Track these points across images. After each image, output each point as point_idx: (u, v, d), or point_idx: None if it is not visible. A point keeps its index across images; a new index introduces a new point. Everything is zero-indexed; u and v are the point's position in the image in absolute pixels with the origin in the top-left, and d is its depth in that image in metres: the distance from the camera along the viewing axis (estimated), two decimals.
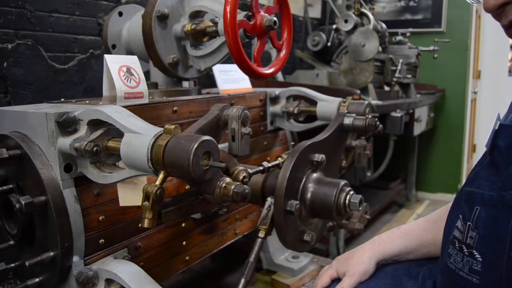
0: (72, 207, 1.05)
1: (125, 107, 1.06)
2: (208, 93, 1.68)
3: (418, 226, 1.02)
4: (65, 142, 1.01)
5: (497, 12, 0.76)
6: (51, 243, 1.04)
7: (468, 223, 0.79)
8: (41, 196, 1.01)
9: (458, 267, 0.80)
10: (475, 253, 0.77)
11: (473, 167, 0.90)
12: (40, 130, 1.04)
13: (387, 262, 1.03)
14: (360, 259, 0.99)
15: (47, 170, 1.03)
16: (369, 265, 0.98)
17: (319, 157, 1.22)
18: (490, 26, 3.95)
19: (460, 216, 0.83)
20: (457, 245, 0.82)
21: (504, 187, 0.74)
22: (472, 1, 0.85)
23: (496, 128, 0.80)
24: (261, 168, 1.21)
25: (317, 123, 1.75)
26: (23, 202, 0.99)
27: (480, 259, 0.76)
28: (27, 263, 1.00)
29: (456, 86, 3.77)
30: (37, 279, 1.08)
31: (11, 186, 1.08)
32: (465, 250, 0.79)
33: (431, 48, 3.21)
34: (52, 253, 1.04)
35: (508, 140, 0.77)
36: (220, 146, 0.96)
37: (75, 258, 1.07)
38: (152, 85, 1.49)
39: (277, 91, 1.79)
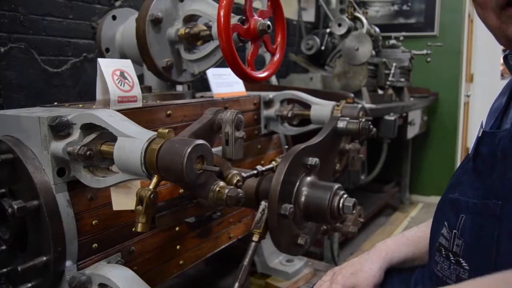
0: (65, 211, 1.05)
1: (118, 111, 1.06)
2: (202, 96, 1.68)
3: (424, 232, 0.98)
4: (58, 146, 1.01)
5: None
6: (43, 248, 1.03)
7: (454, 231, 0.79)
8: (33, 201, 1.01)
9: (445, 275, 0.80)
10: (462, 262, 0.76)
11: (454, 172, 0.90)
12: (33, 134, 1.04)
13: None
14: (371, 271, 0.95)
15: (40, 175, 1.02)
16: (380, 278, 0.95)
17: (313, 160, 1.22)
18: (483, 30, 3.98)
19: (446, 223, 0.83)
20: (443, 252, 0.82)
21: (488, 195, 0.73)
22: None
23: (480, 135, 0.79)
24: (255, 171, 1.21)
25: (311, 126, 1.76)
26: (16, 207, 0.98)
27: (467, 268, 0.75)
28: (19, 268, 0.99)
29: (449, 89, 3.80)
30: (29, 284, 1.07)
31: (3, 190, 1.07)
32: (452, 258, 0.79)
33: (424, 51, 3.23)
34: (44, 258, 1.03)
35: (491, 148, 0.76)
36: (214, 150, 0.95)
37: (68, 263, 1.06)
38: (146, 89, 1.48)
39: (271, 94, 1.80)
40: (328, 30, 3.04)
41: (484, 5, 0.73)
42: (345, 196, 1.20)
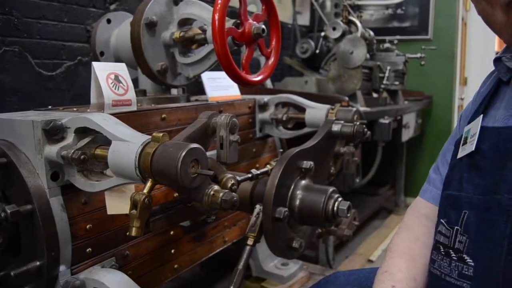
0: (59, 215, 1.04)
1: (113, 114, 1.05)
2: (196, 100, 1.68)
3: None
4: (52, 150, 1.00)
5: None
6: (37, 253, 1.03)
7: (456, 227, 0.79)
8: (27, 205, 1.00)
9: (445, 272, 0.80)
10: (466, 258, 0.76)
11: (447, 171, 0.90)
12: (27, 138, 1.03)
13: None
14: None
15: (34, 179, 1.02)
16: None
17: (307, 164, 1.23)
18: (476, 34, 4.01)
19: (443, 220, 0.83)
20: (442, 250, 0.81)
21: (498, 190, 0.73)
22: None
23: (477, 131, 0.80)
24: (249, 175, 1.21)
25: (306, 130, 1.76)
26: (9, 211, 0.97)
27: (472, 264, 0.75)
28: (12, 273, 0.99)
29: (443, 92, 3.82)
30: None
31: None
32: (453, 255, 0.78)
33: (418, 55, 3.25)
34: (38, 263, 1.02)
35: (491, 143, 0.77)
36: (208, 153, 0.96)
37: (62, 268, 1.05)
38: (140, 93, 1.48)
39: (266, 98, 1.80)
40: (322, 34, 3.05)
41: (492, 2, 0.75)
42: (339, 199, 1.21)
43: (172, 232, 1.38)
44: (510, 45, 0.82)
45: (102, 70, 1.21)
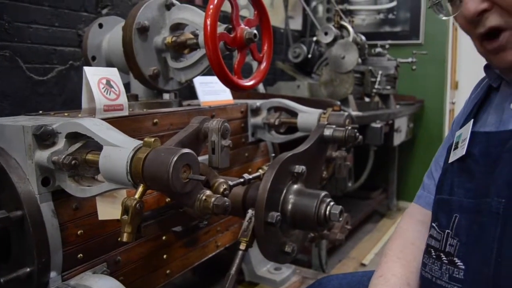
0: (50, 221, 1.03)
1: (104, 119, 1.05)
2: (189, 105, 1.68)
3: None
4: (43, 155, 1.00)
5: (475, 20, 0.77)
6: (27, 259, 1.02)
7: (447, 231, 0.80)
8: (17, 211, 0.99)
9: (436, 276, 0.80)
10: (456, 261, 0.77)
11: (439, 176, 0.91)
12: (17, 143, 1.03)
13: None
14: None
15: (24, 184, 1.01)
16: None
17: (299, 168, 1.23)
18: (467, 38, 4.03)
19: (434, 224, 0.84)
20: (433, 254, 0.82)
21: (488, 193, 0.74)
22: (444, 15, 0.86)
23: (469, 136, 0.82)
24: (241, 180, 1.21)
25: (298, 134, 1.76)
26: None
27: (463, 267, 0.75)
28: (2, 280, 0.97)
29: (435, 96, 3.85)
30: None
31: None
32: (444, 258, 0.79)
33: (410, 60, 3.27)
34: (28, 269, 1.01)
35: (482, 147, 0.78)
36: (200, 158, 0.95)
37: (53, 274, 1.04)
38: (132, 97, 1.48)
39: (258, 102, 1.80)
40: (314, 39, 3.06)
41: (470, 34, 0.82)
42: (331, 203, 1.21)
43: (164, 237, 1.38)
44: (493, 67, 0.84)
45: (93, 74, 1.21)
